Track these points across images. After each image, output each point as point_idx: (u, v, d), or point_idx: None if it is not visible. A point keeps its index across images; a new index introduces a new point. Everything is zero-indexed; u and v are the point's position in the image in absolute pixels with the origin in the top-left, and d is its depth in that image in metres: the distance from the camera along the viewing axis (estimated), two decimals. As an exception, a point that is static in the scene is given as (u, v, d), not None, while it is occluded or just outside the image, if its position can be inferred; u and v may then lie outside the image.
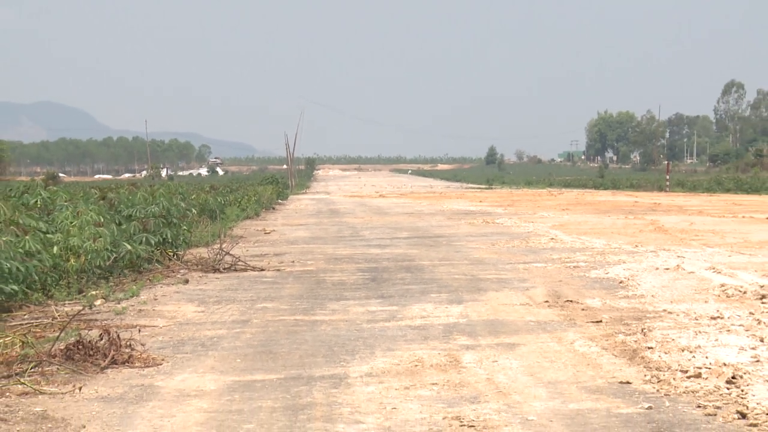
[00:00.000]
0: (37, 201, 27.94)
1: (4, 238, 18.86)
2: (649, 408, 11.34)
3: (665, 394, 11.91)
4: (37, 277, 19.32)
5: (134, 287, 21.25)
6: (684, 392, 11.97)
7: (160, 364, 14.10)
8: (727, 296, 19.42)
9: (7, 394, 12.20)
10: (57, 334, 14.99)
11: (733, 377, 12.45)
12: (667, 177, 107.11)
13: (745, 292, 19.76)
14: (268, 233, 41.84)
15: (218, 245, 29.88)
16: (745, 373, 12.65)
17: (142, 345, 15.15)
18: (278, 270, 26.61)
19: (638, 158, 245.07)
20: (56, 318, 17.54)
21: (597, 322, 17.03)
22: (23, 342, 14.97)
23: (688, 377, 12.67)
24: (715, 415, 10.94)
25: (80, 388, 12.56)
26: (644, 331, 15.92)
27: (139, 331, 16.56)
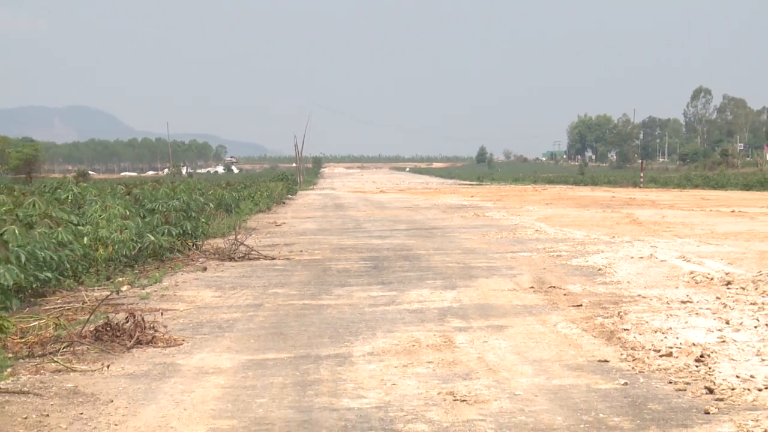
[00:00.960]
0: (68, 196, 28.02)
1: (39, 230, 18.88)
2: (625, 384, 11.34)
3: (640, 372, 11.91)
4: (68, 265, 19.33)
5: (157, 274, 21.25)
6: (657, 370, 11.97)
7: (181, 345, 14.11)
8: (695, 282, 19.42)
9: (42, 371, 12.20)
10: (87, 317, 14.99)
11: (702, 356, 12.45)
12: (641, 174, 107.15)
13: (712, 279, 19.75)
14: (279, 225, 41.80)
15: (233, 236, 29.87)
16: (712, 353, 12.65)
17: (165, 327, 15.17)
18: (288, 259, 26.60)
19: (615, 157, 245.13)
20: (86, 302, 17.53)
21: (578, 306, 17.03)
22: (56, 324, 14.99)
23: (661, 356, 12.67)
24: (685, 390, 10.94)
25: (108, 366, 12.57)
26: (620, 314, 15.92)
27: (162, 314, 16.56)
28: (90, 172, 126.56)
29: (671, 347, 13.11)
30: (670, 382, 11.32)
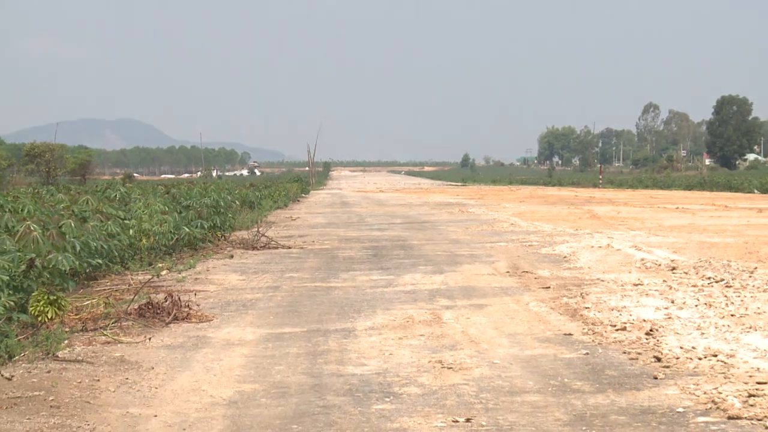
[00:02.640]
0: (117, 195, 28.11)
1: (91, 223, 18.93)
2: (586, 354, 11.34)
3: (598, 343, 11.90)
4: (116, 253, 19.37)
5: (191, 261, 21.24)
6: (613, 342, 11.96)
7: (211, 320, 14.11)
8: (646, 268, 19.41)
9: (94, 343, 12.20)
10: (132, 297, 14.98)
11: (651, 330, 12.44)
12: (600, 177, 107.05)
13: (659, 265, 19.75)
14: (294, 220, 41.75)
15: (256, 229, 29.91)
16: (659, 327, 12.64)
17: (198, 305, 15.17)
18: (302, 248, 26.58)
19: (578, 162, 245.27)
20: (131, 285, 17.52)
21: (546, 287, 17.01)
22: (106, 303, 14.99)
23: (616, 330, 12.66)
24: (637, 359, 10.94)
25: (150, 339, 12.57)
26: (582, 294, 15.91)
27: (195, 294, 16.56)
28: (135, 174, 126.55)
29: (625, 323, 13.10)
30: (625, 353, 11.32)
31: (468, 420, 8.49)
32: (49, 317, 12.56)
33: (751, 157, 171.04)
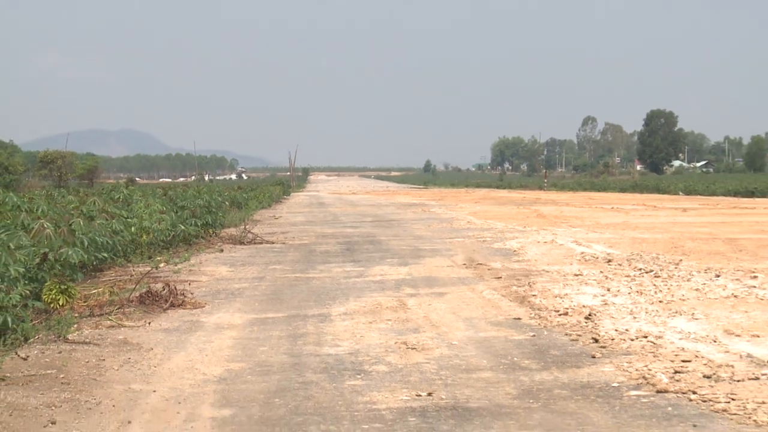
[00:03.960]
0: (120, 196, 28.14)
1: (98, 222, 18.90)
2: (533, 336, 11.34)
3: (544, 327, 11.91)
4: (120, 248, 19.36)
5: (186, 255, 21.08)
6: (557, 325, 11.97)
7: (204, 307, 14.08)
8: (585, 261, 19.45)
9: (100, 327, 12.16)
10: (133, 286, 14.93)
11: (589, 315, 12.47)
12: (545, 180, 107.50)
13: (597, 258, 19.80)
14: (277, 218, 41.73)
15: (243, 226, 29.99)
16: (597, 312, 12.67)
17: (192, 294, 15.14)
18: (284, 243, 26.56)
19: (526, 168, 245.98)
20: (133, 275, 17.50)
21: (498, 278, 17.03)
22: (110, 291, 14.97)
23: (559, 315, 12.68)
24: (577, 340, 10.95)
25: (149, 323, 12.54)
26: (530, 284, 15.93)
27: (189, 284, 16.52)
28: (136, 179, 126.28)
29: (567, 308, 13.13)
30: (567, 335, 11.34)
31: (429, 394, 8.50)
32: (61, 304, 12.58)
33: (676, 163, 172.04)
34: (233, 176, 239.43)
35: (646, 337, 10.96)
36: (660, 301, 13.60)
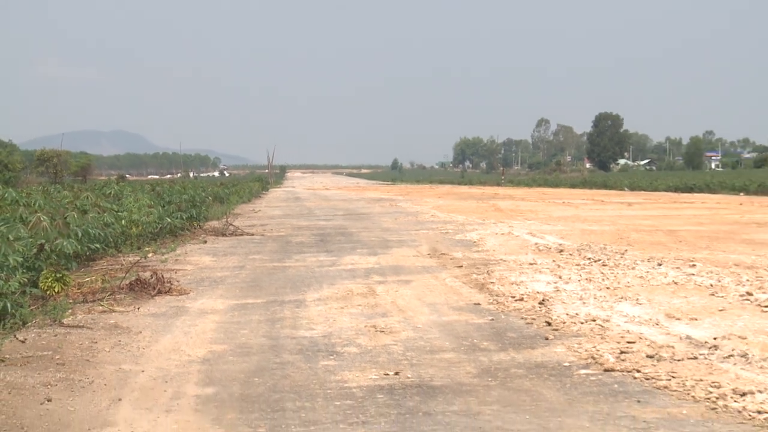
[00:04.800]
0: (111, 192, 28.04)
1: (91, 215, 18.90)
2: (492, 320, 11.37)
3: (501, 311, 11.94)
4: (111, 239, 19.27)
5: (172, 245, 21.11)
6: (513, 310, 12.00)
7: (188, 294, 14.04)
8: (539, 251, 19.50)
9: (92, 312, 12.11)
10: (124, 275, 14.89)
11: (543, 300, 12.50)
12: (503, 177, 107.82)
13: (549, 248, 19.85)
14: (256, 212, 41.59)
15: (225, 219, 29.94)
16: (550, 298, 12.71)
17: (178, 281, 15.09)
18: (262, 235, 26.50)
19: (485, 166, 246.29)
20: (123, 265, 17.42)
21: (459, 266, 17.05)
22: (102, 279, 14.93)
23: (516, 300, 12.71)
24: (532, 323, 10.98)
25: (138, 308, 12.50)
26: (488, 272, 15.96)
27: (175, 272, 16.48)
28: (126, 176, 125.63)
29: (523, 294, 13.16)
30: (522, 318, 11.37)
31: (396, 373, 8.50)
32: (56, 291, 12.55)
33: (622, 161, 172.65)
34: (216, 173, 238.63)
35: (594, 320, 11.01)
36: (607, 288, 13.65)
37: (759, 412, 6.99)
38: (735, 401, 7.32)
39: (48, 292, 12.49)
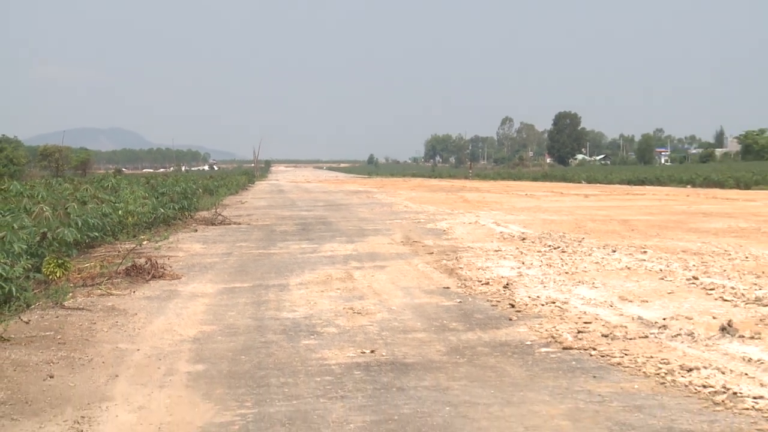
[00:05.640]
0: (109, 184, 27.85)
1: (90, 206, 18.79)
2: (460, 302, 11.38)
3: (469, 295, 11.95)
4: (109, 228, 19.24)
5: (166, 234, 21.04)
6: (480, 293, 12.01)
7: (180, 278, 14.01)
8: (503, 239, 19.53)
9: (91, 295, 12.08)
10: (120, 261, 14.84)
11: (507, 284, 12.52)
12: (470, 171, 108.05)
13: (513, 236, 19.88)
14: (243, 203, 41.58)
15: (214, 209, 29.85)
16: (513, 282, 12.73)
17: (170, 267, 15.05)
18: (249, 224, 26.47)
19: (454, 161, 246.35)
20: (120, 252, 17.35)
21: (430, 253, 17.05)
22: (101, 265, 14.87)
23: (482, 284, 12.72)
24: (497, 305, 11.00)
25: (134, 292, 12.47)
26: (457, 258, 15.97)
27: (168, 259, 16.44)
28: (123, 170, 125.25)
29: (488, 279, 13.18)
30: (488, 301, 11.38)
31: (372, 351, 8.51)
32: (58, 276, 12.51)
33: (579, 157, 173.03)
34: (206, 167, 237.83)
35: (554, 302, 11.03)
36: (566, 273, 13.69)
37: (704, 386, 7.03)
38: (682, 376, 7.36)
39: (50, 277, 12.46)
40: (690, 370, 7.54)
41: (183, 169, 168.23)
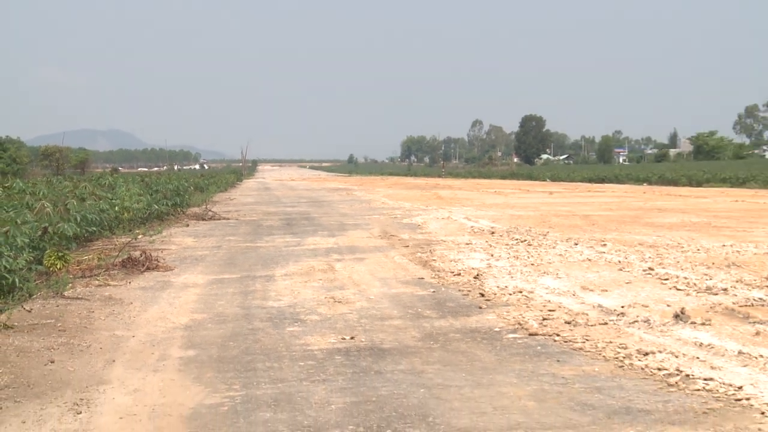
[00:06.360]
0: (106, 182, 27.75)
1: (88, 202, 18.74)
2: (433, 291, 11.38)
3: (442, 285, 11.96)
4: (106, 223, 19.13)
5: (159, 228, 20.91)
6: (452, 283, 12.02)
7: (173, 270, 13.95)
8: (474, 232, 19.56)
9: (90, 285, 12.01)
10: (117, 253, 14.77)
11: (477, 275, 12.53)
12: (443, 170, 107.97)
13: (483, 230, 19.91)
14: (232, 200, 41.45)
15: (205, 206, 29.82)
16: (483, 273, 12.74)
17: (164, 259, 14.99)
18: (237, 219, 26.40)
19: (428, 160, 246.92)
20: (116, 245, 17.27)
21: (406, 246, 17.05)
22: (98, 258, 14.81)
23: (454, 275, 12.73)
24: (468, 295, 11.01)
25: (129, 283, 12.41)
26: (431, 251, 15.98)
27: (162, 252, 16.37)
28: (119, 168, 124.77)
29: (460, 270, 13.19)
30: (460, 290, 11.39)
31: (352, 338, 8.51)
32: (58, 268, 12.46)
33: (544, 156, 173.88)
34: (197, 166, 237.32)
35: (521, 292, 11.05)
36: (532, 264, 13.72)
37: (659, 369, 7.07)
38: (639, 360, 7.40)
39: (51, 269, 12.41)
40: (646, 354, 7.58)
41: (175, 168, 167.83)
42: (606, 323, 8.98)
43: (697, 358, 7.45)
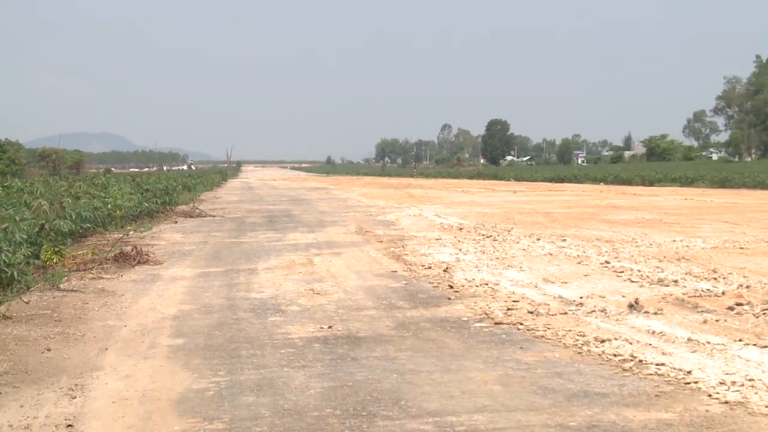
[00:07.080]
0: (100, 182, 27.65)
1: (83, 200, 18.64)
2: (406, 284, 11.39)
3: (414, 277, 11.97)
4: (99, 220, 19.05)
5: (149, 225, 20.81)
6: (423, 276, 12.03)
7: (162, 264, 13.89)
8: (443, 229, 19.58)
9: (84, 279, 11.95)
10: (110, 248, 14.72)
11: (446, 269, 12.55)
12: (414, 171, 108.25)
13: (452, 227, 19.94)
14: (217, 198, 41.30)
15: (192, 204, 29.68)
16: (452, 266, 12.76)
17: (154, 254, 14.93)
18: (222, 216, 26.32)
19: (401, 161, 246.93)
20: (109, 241, 17.16)
21: (380, 241, 17.05)
22: (92, 253, 14.73)
23: (425, 268, 12.74)
24: (438, 287, 11.02)
25: (121, 276, 12.35)
26: (403, 246, 15.99)
27: (152, 247, 16.29)
28: (112, 169, 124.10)
29: (431, 264, 13.20)
30: (430, 283, 11.40)
31: (330, 327, 8.50)
32: (54, 262, 12.39)
33: (509, 158, 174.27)
34: (185, 167, 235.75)
35: (487, 284, 11.08)
36: (497, 258, 13.75)
37: (615, 355, 7.11)
38: (596, 347, 7.43)
39: (47, 263, 12.33)
40: (603, 341, 7.62)
41: (165, 168, 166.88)
42: (566, 313, 9.02)
43: (650, 344, 7.49)
